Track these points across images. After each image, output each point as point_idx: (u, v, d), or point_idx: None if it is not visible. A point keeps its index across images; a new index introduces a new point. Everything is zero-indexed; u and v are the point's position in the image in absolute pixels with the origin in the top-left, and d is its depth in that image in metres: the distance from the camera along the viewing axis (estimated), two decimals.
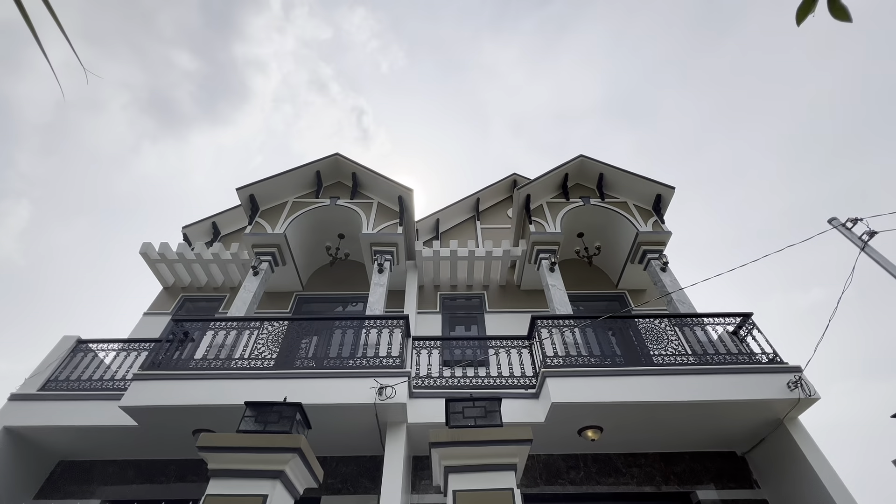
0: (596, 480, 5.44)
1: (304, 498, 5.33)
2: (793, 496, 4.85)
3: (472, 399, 2.78)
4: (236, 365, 5.20)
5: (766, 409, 4.88)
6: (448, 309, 8.64)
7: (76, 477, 5.63)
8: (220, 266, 8.81)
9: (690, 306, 6.62)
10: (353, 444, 5.46)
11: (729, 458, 5.63)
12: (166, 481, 5.55)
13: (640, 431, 5.30)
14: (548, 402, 4.85)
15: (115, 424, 5.09)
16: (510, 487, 2.33)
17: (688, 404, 4.80)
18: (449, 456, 2.43)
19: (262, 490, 2.35)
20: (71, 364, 5.88)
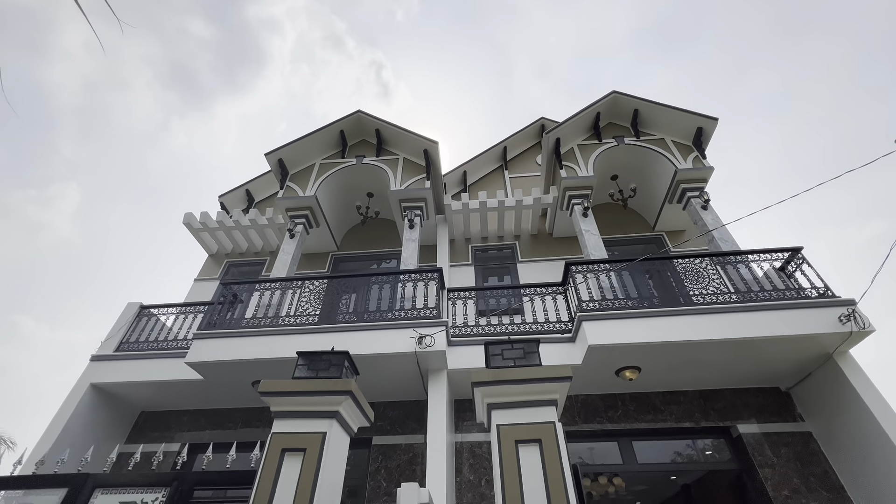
0: (634, 418, 5.57)
1: (358, 438, 5.81)
2: (840, 429, 4.80)
3: (511, 341, 2.85)
4: (283, 322, 5.52)
5: (815, 344, 4.74)
6: (480, 261, 8.69)
7: (157, 425, 6.33)
8: (258, 231, 9.14)
9: (734, 244, 6.34)
10: (399, 390, 5.79)
11: (772, 393, 5.59)
12: (233, 427, 6.15)
13: (678, 371, 5.32)
14: (584, 345, 4.90)
15: (183, 379, 5.60)
16: (552, 421, 2.43)
17: (730, 342, 4.72)
18: (491, 394, 2.54)
19: (320, 428, 2.56)
20: (138, 328, 6.44)
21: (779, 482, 4.87)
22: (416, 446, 5.59)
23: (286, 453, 2.48)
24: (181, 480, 2.82)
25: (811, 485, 4.81)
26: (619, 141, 8.02)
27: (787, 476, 4.90)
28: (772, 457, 5.05)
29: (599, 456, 5.69)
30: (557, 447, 2.33)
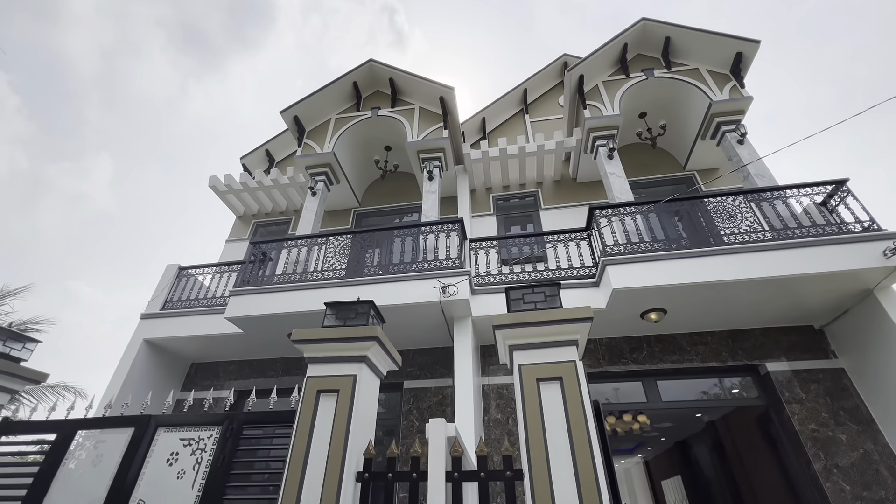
0: (659, 359, 5.63)
1: (391, 383, 6.16)
2: (877, 365, 4.71)
3: (532, 286, 2.87)
4: (312, 277, 5.73)
5: (854, 280, 4.55)
6: (502, 210, 8.59)
7: (207, 375, 6.88)
8: (281, 191, 9.27)
9: (771, 180, 5.99)
10: (427, 337, 6.02)
11: (804, 331, 5.48)
12: (275, 375, 6.62)
13: (706, 311, 5.25)
14: (609, 289, 4.88)
15: (225, 333, 5.99)
16: (573, 360, 2.48)
17: (763, 281, 4.59)
18: (512, 336, 2.60)
19: (351, 371, 2.72)
20: (179, 287, 6.84)
21: (806, 417, 4.89)
22: (444, 389, 5.88)
23: (321, 394, 2.66)
24: (231, 420, 3.09)
25: (840, 419, 4.81)
26: (647, 74, 7.47)
27: (816, 411, 4.91)
28: (800, 393, 5.05)
29: (624, 395, 5.84)
30: (578, 384, 2.39)
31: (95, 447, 3.24)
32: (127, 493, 2.95)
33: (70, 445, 3.27)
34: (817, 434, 4.77)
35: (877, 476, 4.44)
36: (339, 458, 2.42)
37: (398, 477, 2.49)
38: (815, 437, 4.76)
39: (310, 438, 2.51)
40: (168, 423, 3.20)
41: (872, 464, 4.51)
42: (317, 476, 2.39)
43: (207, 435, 3.10)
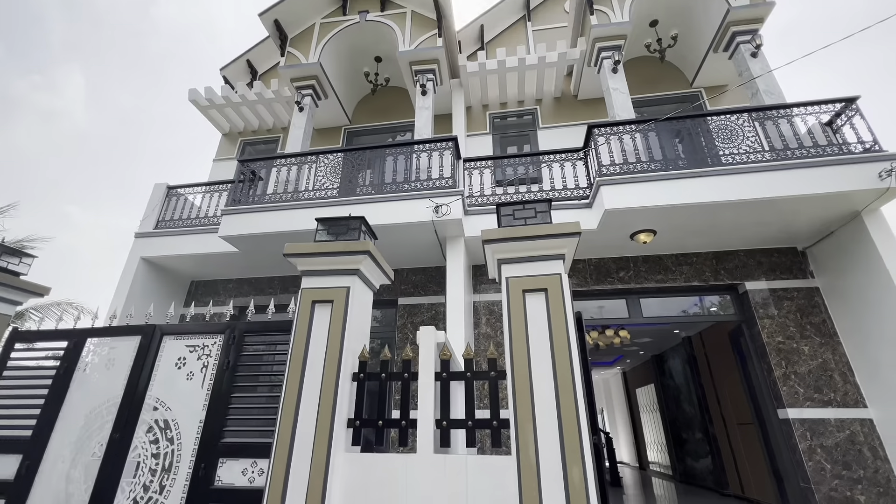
0: (644, 278, 5.84)
1: (386, 300, 6.41)
2: (849, 285, 4.92)
3: (523, 203, 2.86)
4: (304, 196, 5.67)
5: (846, 202, 4.58)
6: (498, 129, 8.27)
7: (207, 292, 7.10)
8: (266, 106, 8.79)
9: (780, 98, 5.72)
10: (420, 257, 6.14)
11: (786, 253, 5.64)
12: (273, 292, 6.85)
13: (695, 233, 5.34)
14: (601, 210, 4.90)
15: (220, 252, 6.06)
16: (558, 273, 2.56)
17: (755, 202, 4.60)
18: (501, 251, 2.66)
19: (344, 284, 2.82)
20: (170, 207, 6.77)
21: (775, 331, 5.23)
22: (437, 306, 6.15)
23: (316, 304, 2.78)
24: (233, 329, 3.26)
25: (806, 332, 5.15)
26: None
27: (785, 325, 5.23)
28: (773, 310, 5.34)
29: (608, 312, 6.15)
30: (562, 296, 2.50)
31: (107, 353, 3.45)
32: (143, 392, 3.19)
33: (82, 352, 3.47)
34: (783, 346, 5.14)
35: (829, 380, 4.88)
36: (336, 360, 2.59)
37: (391, 377, 2.70)
38: (780, 348, 5.13)
39: (307, 343, 2.67)
40: (172, 332, 3.38)
41: (827, 371, 4.93)
42: (315, 376, 2.59)
43: (211, 342, 3.28)
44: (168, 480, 2.89)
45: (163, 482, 2.89)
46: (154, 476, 2.92)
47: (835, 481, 4.48)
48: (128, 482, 2.93)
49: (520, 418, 2.26)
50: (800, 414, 4.79)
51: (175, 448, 2.98)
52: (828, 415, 4.73)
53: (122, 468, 2.96)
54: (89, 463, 3.05)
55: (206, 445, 2.91)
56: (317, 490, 2.28)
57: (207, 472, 2.84)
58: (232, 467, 2.85)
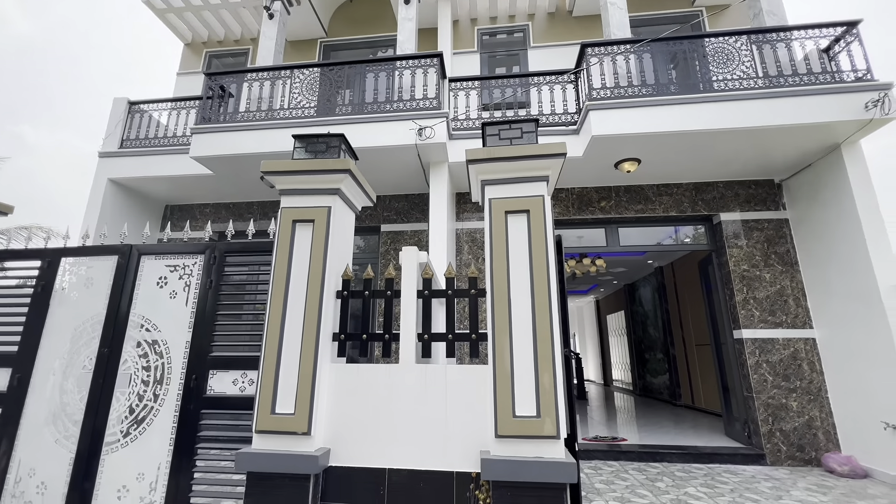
0: (625, 208, 5.92)
1: (369, 226, 6.39)
2: (817, 216, 5.11)
3: (509, 122, 2.77)
4: (279, 115, 5.34)
5: (828, 134, 4.60)
6: (487, 48, 7.75)
7: (183, 216, 6.91)
8: (232, 12, 7.93)
9: (783, 20, 5.44)
10: (403, 183, 6.03)
11: (763, 185, 5.75)
12: (252, 218, 6.72)
13: (678, 162, 5.35)
14: (588, 137, 4.81)
15: (194, 174, 5.81)
16: (541, 195, 2.56)
17: (742, 131, 4.57)
18: (485, 171, 2.61)
19: (325, 203, 2.76)
20: (133, 125, 6.32)
21: (741, 259, 5.50)
22: (420, 233, 6.18)
23: (297, 224, 2.74)
24: (213, 249, 3.23)
25: (770, 261, 5.44)
26: None
27: (751, 255, 5.50)
28: (743, 240, 5.57)
29: (587, 241, 6.30)
30: (543, 218, 2.53)
31: (85, 273, 3.40)
32: (126, 310, 3.21)
33: (58, 270, 3.41)
34: (747, 273, 5.44)
35: (784, 305, 5.27)
36: (319, 279, 2.63)
37: (375, 295, 2.76)
38: (744, 275, 5.44)
39: (289, 263, 2.67)
40: (150, 252, 3.33)
41: (783, 296, 5.30)
42: (299, 294, 2.63)
43: (192, 262, 3.26)
44: (161, 390, 3.02)
45: (156, 392, 3.03)
46: (147, 387, 3.05)
47: (774, 391, 5.03)
48: (122, 392, 3.06)
49: (497, 332, 2.39)
50: (753, 334, 5.22)
51: (165, 362, 3.08)
52: (777, 335, 5.17)
53: (115, 380, 3.07)
54: (81, 376, 3.14)
55: (196, 359, 3.02)
56: (305, 396, 2.43)
57: (199, 382, 2.97)
58: (222, 378, 2.99)
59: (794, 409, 4.95)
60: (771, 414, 4.97)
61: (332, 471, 2.44)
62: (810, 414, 4.92)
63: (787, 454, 4.85)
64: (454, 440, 2.38)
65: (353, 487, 2.40)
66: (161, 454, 2.87)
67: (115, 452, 2.93)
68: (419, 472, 2.36)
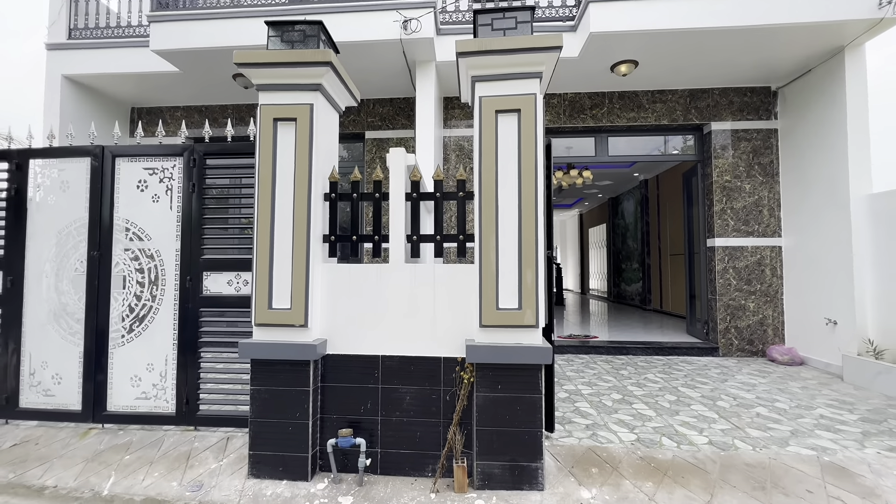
0: (617, 115, 5.76)
1: (352, 133, 6.14)
2: (806, 128, 5.08)
3: (503, 10, 2.55)
4: (246, 2, 4.78)
5: (834, 34, 4.37)
6: None
7: (152, 120, 6.47)
8: None
9: None
10: (387, 85, 5.67)
11: (759, 93, 5.59)
12: (229, 122, 6.34)
13: (676, 66, 5.10)
14: (586, 33, 4.48)
15: (160, 71, 5.32)
16: (533, 93, 2.47)
17: (746, 30, 4.30)
18: (476, 66, 2.47)
19: (307, 100, 2.62)
20: (80, 11, 5.59)
21: (725, 170, 5.56)
22: (406, 140, 5.98)
23: (278, 122, 2.62)
24: (191, 151, 3.10)
25: (752, 171, 5.52)
26: None
27: (736, 165, 5.55)
28: (730, 150, 5.57)
29: (576, 151, 6.20)
30: (535, 118, 2.47)
31: (58, 176, 3.28)
32: (109, 213, 3.17)
33: (28, 173, 3.27)
34: (728, 184, 5.54)
35: (758, 215, 5.48)
36: (306, 181, 2.59)
37: (363, 197, 2.77)
38: (725, 186, 5.54)
39: (274, 164, 2.61)
40: (124, 154, 3.18)
41: (759, 206, 5.48)
42: (286, 197, 2.61)
43: (171, 164, 3.16)
44: (158, 291, 3.12)
45: (153, 292, 3.12)
46: (143, 287, 3.14)
47: (735, 293, 5.45)
48: (119, 292, 3.15)
49: (484, 232, 2.47)
50: (725, 242, 5.49)
51: (157, 264, 3.14)
52: (747, 243, 5.45)
53: (109, 281, 3.14)
54: (74, 278, 3.20)
55: (188, 262, 3.08)
56: (300, 292, 2.55)
57: (194, 283, 3.07)
58: (217, 279, 3.09)
59: (751, 309, 5.43)
60: (729, 314, 5.45)
61: (330, 358, 2.66)
62: (764, 313, 5.41)
63: (737, 347, 5.43)
64: (442, 330, 2.59)
65: (350, 371, 2.64)
66: (166, 347, 3.07)
67: (121, 347, 3.11)
68: (410, 357, 2.60)
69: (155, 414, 3.04)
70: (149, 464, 2.65)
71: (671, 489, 2.33)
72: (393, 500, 2.31)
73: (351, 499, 2.32)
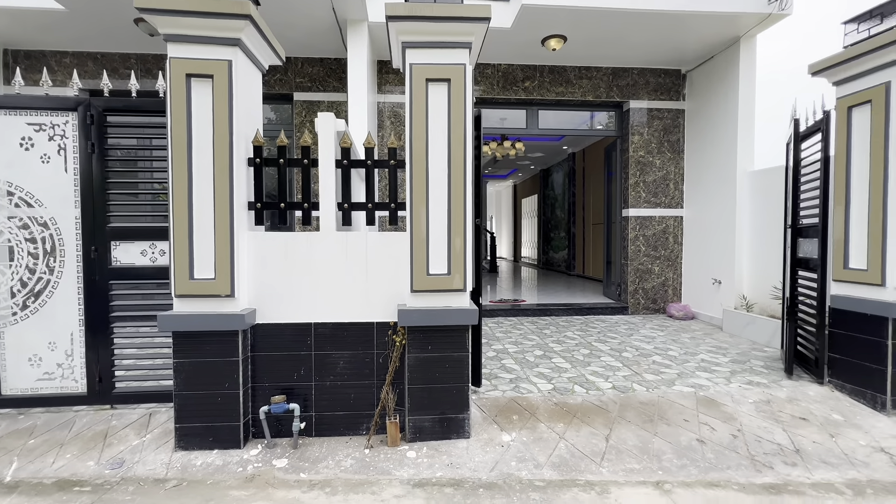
0: (547, 89, 5.98)
1: (279, 93, 5.76)
2: (707, 110, 5.67)
3: None
4: None
5: (733, 25, 4.85)
6: None
7: (34, 68, 5.55)
8: None
9: None
10: (316, 44, 5.35)
11: (671, 75, 6.09)
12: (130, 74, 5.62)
13: (600, 44, 5.37)
14: (518, 5, 4.55)
15: (39, 7, 4.54)
16: (463, 63, 2.51)
17: (661, 14, 4.63)
18: (405, 31, 2.45)
19: (224, 56, 2.43)
20: None
21: (640, 146, 6.07)
22: (338, 104, 5.74)
23: (192, 79, 2.42)
24: (87, 106, 2.76)
25: (662, 148, 6.08)
26: None
27: (649, 142, 6.07)
28: (645, 127, 6.07)
29: (509, 123, 6.39)
30: (464, 89, 2.52)
31: None
32: None
33: None
34: (642, 159, 6.07)
35: (666, 188, 6.10)
36: (226, 144, 2.45)
37: (291, 163, 2.68)
38: (640, 161, 6.07)
39: (189, 124, 2.42)
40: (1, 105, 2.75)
41: (667, 180, 6.09)
42: (205, 161, 2.46)
43: (62, 121, 2.79)
44: (56, 263, 2.82)
45: (50, 264, 2.82)
46: (37, 259, 2.81)
47: (644, 258, 6.10)
48: (6, 265, 2.80)
49: (415, 200, 2.53)
50: (637, 213, 6.06)
51: (53, 233, 2.82)
52: (655, 213, 6.08)
53: None
54: None
55: (91, 230, 2.80)
56: (225, 262, 2.46)
57: (102, 254, 2.81)
58: (128, 249, 2.86)
59: (656, 273, 6.13)
60: (638, 277, 6.11)
61: (261, 327, 2.63)
62: (666, 276, 6.14)
63: (644, 306, 6.13)
64: (374, 296, 2.66)
65: (282, 339, 2.64)
66: (71, 324, 2.82)
67: (14, 326, 2.80)
68: (343, 323, 2.65)
69: (63, 395, 2.82)
70: (59, 446, 2.49)
71: (578, 428, 2.68)
72: (328, 457, 2.41)
73: (285, 461, 2.38)
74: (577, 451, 2.45)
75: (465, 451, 2.46)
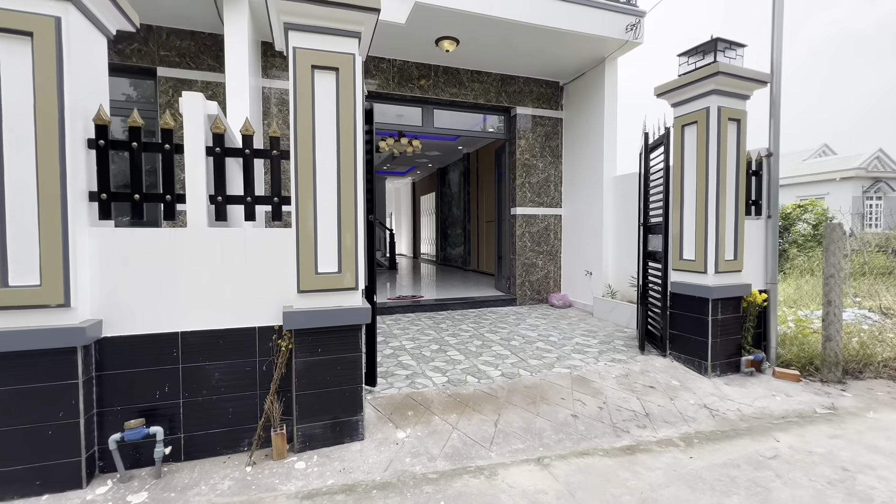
0: (441, 89, 6.11)
1: (140, 66, 4.94)
2: (579, 120, 6.37)
3: None
4: None
5: (600, 47, 5.52)
6: None
7: None
8: None
9: None
10: (186, 13, 4.69)
11: (551, 86, 6.71)
12: None
13: (490, 51, 5.66)
14: (412, 2, 4.55)
15: None
16: (352, 53, 2.42)
17: (542, 30, 5.05)
18: (287, 11, 2.27)
19: (50, 12, 1.97)
20: None
21: (525, 150, 6.57)
22: (215, 85, 5.12)
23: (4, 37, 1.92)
24: None
25: (545, 152, 6.67)
26: None
27: (533, 146, 6.61)
28: (530, 133, 6.58)
29: (405, 120, 6.38)
30: (353, 79, 2.43)
31: None
32: None
33: None
34: (528, 162, 6.58)
35: (547, 189, 6.70)
36: (55, 120, 2.01)
37: (147, 148, 2.31)
38: (525, 163, 6.57)
39: None
40: None
41: (548, 182, 6.71)
42: (23, 139, 1.98)
43: None
44: None
45: None
46: None
47: (529, 254, 6.63)
48: None
49: (301, 195, 2.37)
50: (523, 211, 6.56)
51: None
52: (539, 212, 6.64)
53: None
54: None
55: None
56: (55, 264, 2.02)
57: None
58: None
59: (539, 266, 6.71)
60: (525, 270, 6.63)
61: (110, 341, 2.22)
62: (548, 269, 6.77)
63: (530, 297, 6.67)
64: (256, 299, 2.43)
65: (140, 353, 2.26)
66: None
67: None
68: (218, 330, 2.38)
69: None
70: None
71: (470, 416, 2.80)
72: (201, 482, 2.14)
73: (145, 494, 2.05)
74: (469, 438, 2.56)
75: (359, 454, 2.40)
